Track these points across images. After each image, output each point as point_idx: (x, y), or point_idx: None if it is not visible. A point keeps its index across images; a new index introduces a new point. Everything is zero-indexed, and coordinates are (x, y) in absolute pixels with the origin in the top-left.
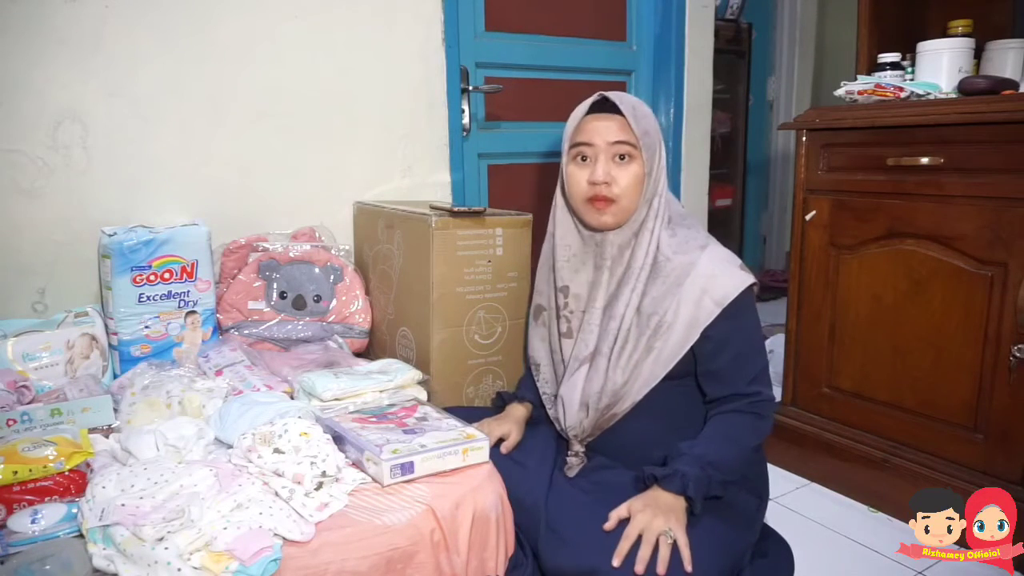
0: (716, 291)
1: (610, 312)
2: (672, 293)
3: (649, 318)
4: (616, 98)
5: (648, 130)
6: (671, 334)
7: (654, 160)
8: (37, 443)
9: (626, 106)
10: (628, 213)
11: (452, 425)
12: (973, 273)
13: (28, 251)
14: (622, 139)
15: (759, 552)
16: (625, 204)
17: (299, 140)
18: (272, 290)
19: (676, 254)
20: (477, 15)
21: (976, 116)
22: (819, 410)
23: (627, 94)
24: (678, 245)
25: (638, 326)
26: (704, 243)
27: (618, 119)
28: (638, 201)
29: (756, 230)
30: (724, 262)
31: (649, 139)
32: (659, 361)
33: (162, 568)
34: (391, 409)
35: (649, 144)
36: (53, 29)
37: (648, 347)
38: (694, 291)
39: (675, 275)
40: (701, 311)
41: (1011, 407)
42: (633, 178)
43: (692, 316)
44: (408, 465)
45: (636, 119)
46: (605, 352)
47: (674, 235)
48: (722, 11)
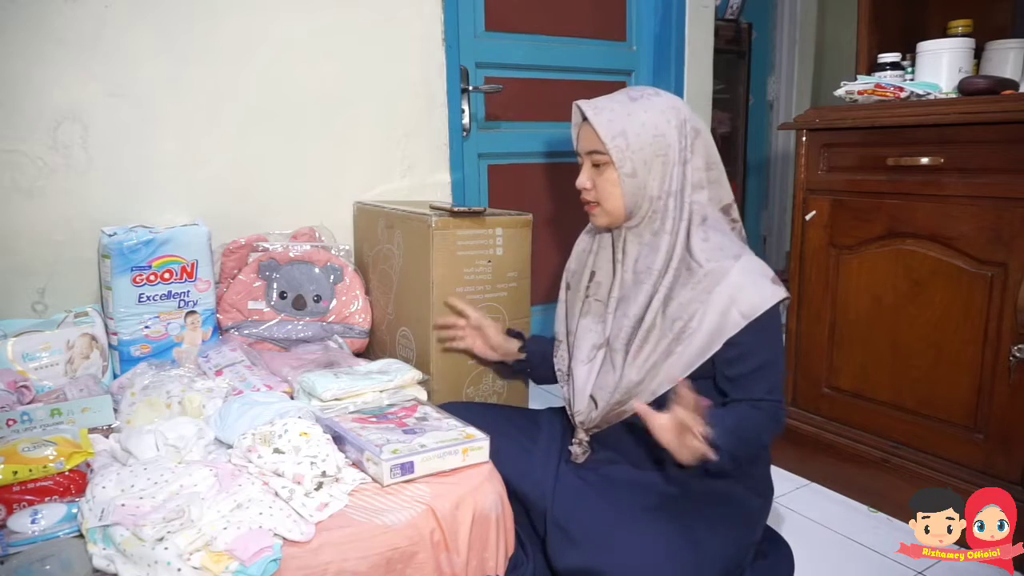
0: (744, 303)
1: (624, 308)
2: (700, 300)
3: (674, 322)
4: (587, 106)
5: (626, 131)
6: (693, 340)
7: (640, 160)
8: (37, 443)
9: (598, 113)
10: (619, 214)
11: (452, 425)
12: (973, 273)
13: (28, 251)
14: (592, 148)
15: (759, 552)
16: (609, 207)
17: (299, 140)
18: (272, 290)
19: (709, 260)
20: (477, 15)
21: (976, 116)
22: (819, 410)
23: (618, 94)
24: (711, 252)
25: (661, 328)
26: (739, 252)
27: (591, 127)
28: (624, 203)
29: (756, 230)
30: (756, 274)
31: (625, 140)
32: (677, 365)
33: (162, 568)
34: (391, 409)
35: (626, 146)
36: (53, 29)
37: (668, 350)
38: (722, 301)
39: (706, 282)
40: (727, 322)
41: (1011, 407)
42: (608, 183)
43: (717, 325)
44: (408, 465)
45: (608, 123)
46: (620, 348)
47: (707, 240)
48: (722, 11)
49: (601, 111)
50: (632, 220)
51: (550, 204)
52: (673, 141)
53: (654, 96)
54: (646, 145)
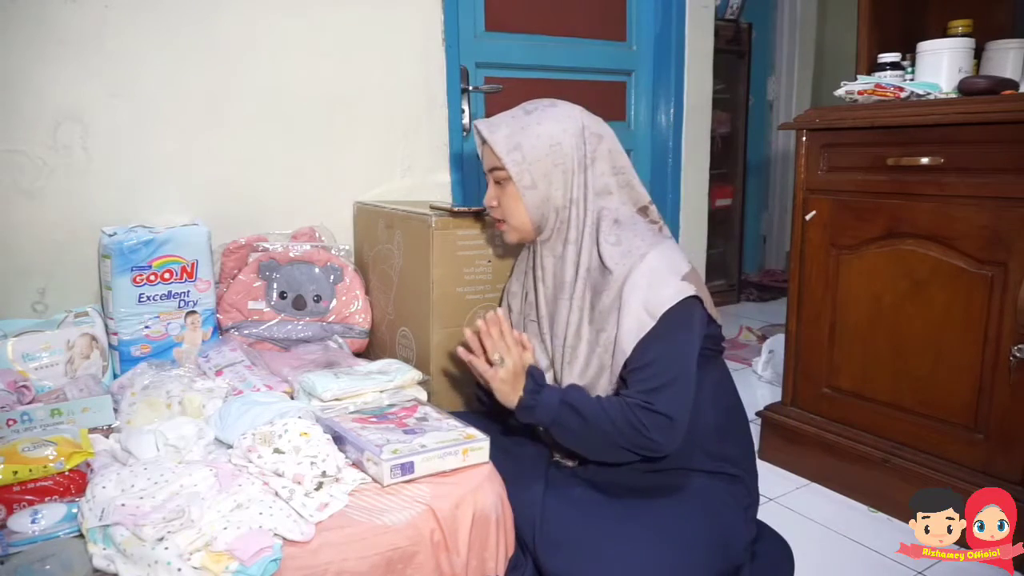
0: (651, 302)
1: (554, 329)
2: (614, 305)
3: (599, 335)
4: (483, 125)
5: (521, 144)
6: (617, 349)
7: (539, 172)
8: (37, 443)
9: (494, 131)
10: (527, 229)
11: (452, 425)
12: (973, 273)
13: (28, 251)
14: (492, 165)
15: (759, 552)
16: (515, 223)
17: (299, 140)
18: (272, 290)
19: (617, 264)
20: (477, 15)
21: (976, 116)
22: (819, 410)
23: (515, 110)
24: (621, 255)
25: (589, 340)
26: (646, 251)
27: (489, 144)
28: (529, 217)
29: (756, 230)
30: (663, 271)
31: (521, 154)
32: (612, 378)
33: (162, 568)
34: (391, 409)
35: (523, 159)
36: (53, 29)
37: (601, 365)
38: (633, 303)
39: (616, 286)
40: (638, 323)
41: (1011, 407)
42: (511, 199)
43: (629, 327)
44: (408, 465)
45: (505, 139)
46: (557, 367)
47: (618, 243)
48: (722, 11)
49: (497, 128)
50: (543, 234)
51: None
52: (571, 149)
53: (549, 107)
54: (543, 156)
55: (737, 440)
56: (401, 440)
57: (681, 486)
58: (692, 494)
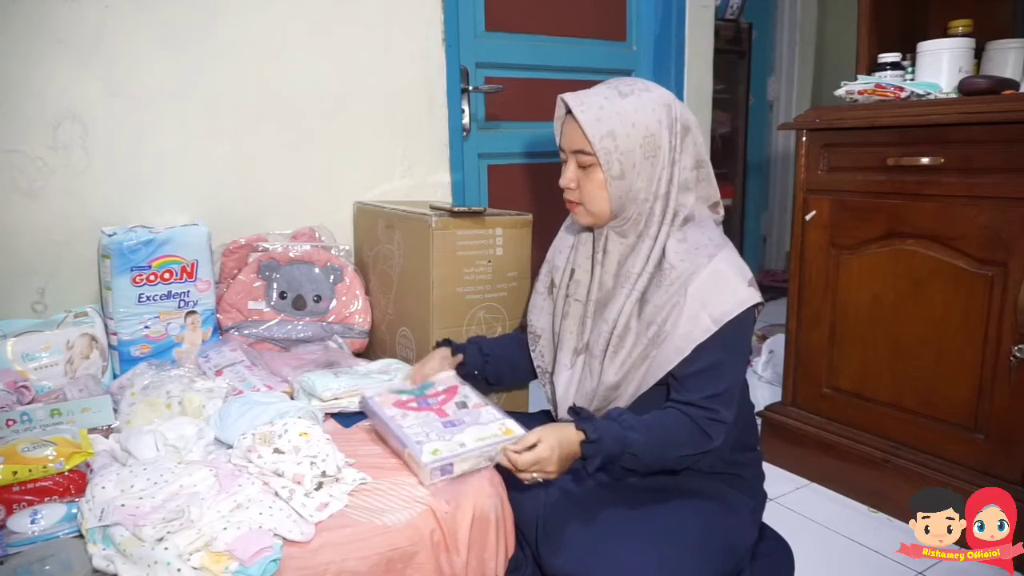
0: (715, 308)
1: (604, 313)
2: (672, 303)
3: (649, 326)
4: (573, 100)
5: (615, 131)
6: (667, 345)
7: (628, 163)
8: (37, 443)
9: (585, 110)
10: (604, 216)
11: (491, 416)
12: (973, 273)
13: (28, 251)
14: (577, 148)
15: (759, 552)
16: (594, 208)
17: (299, 140)
18: (272, 290)
19: (682, 261)
20: (477, 15)
21: (976, 116)
22: (819, 410)
23: (605, 88)
24: (686, 252)
25: (637, 332)
26: (714, 252)
27: (578, 124)
28: (610, 206)
29: (756, 230)
30: (731, 276)
31: (613, 142)
32: (651, 370)
33: (162, 568)
34: (431, 390)
35: (615, 147)
36: (53, 29)
37: (644, 355)
38: (694, 304)
39: (678, 283)
40: (697, 327)
41: (1011, 407)
42: (594, 185)
43: (688, 330)
44: (448, 467)
45: (596, 122)
46: (598, 354)
47: (684, 240)
48: (722, 11)
49: (588, 108)
50: (617, 221)
51: (550, 204)
52: (664, 142)
53: (644, 92)
54: (635, 147)
55: (748, 443)
56: (440, 434)
57: (687, 487)
58: (698, 495)
